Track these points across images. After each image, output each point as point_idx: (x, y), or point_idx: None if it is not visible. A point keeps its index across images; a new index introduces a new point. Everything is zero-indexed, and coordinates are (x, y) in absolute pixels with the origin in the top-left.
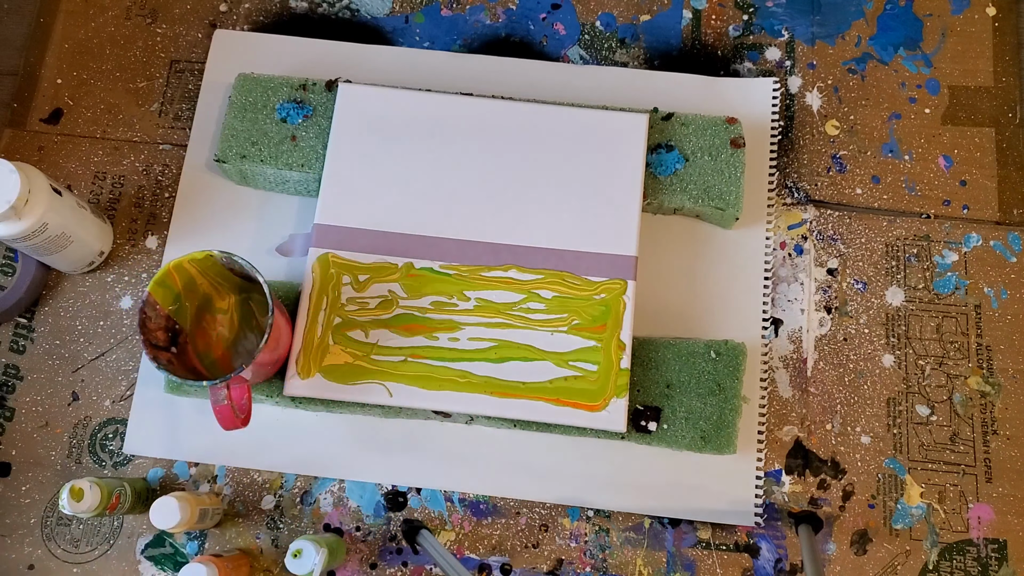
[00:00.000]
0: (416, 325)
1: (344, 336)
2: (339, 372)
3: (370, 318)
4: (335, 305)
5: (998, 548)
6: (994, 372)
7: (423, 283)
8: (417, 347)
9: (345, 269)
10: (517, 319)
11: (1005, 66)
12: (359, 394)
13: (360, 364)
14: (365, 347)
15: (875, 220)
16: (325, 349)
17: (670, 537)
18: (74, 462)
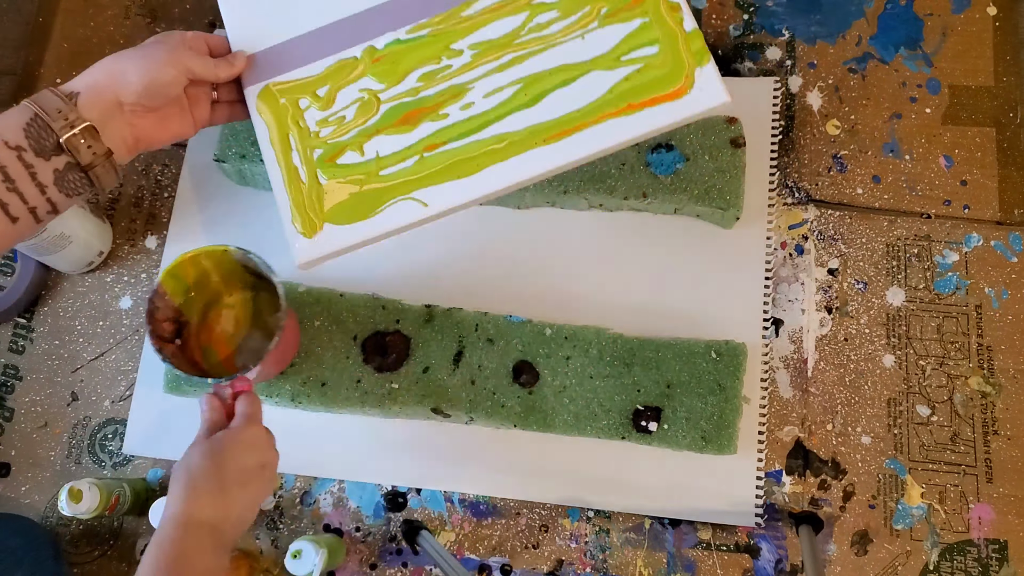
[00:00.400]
0: (413, 112)
1: (334, 166)
2: (348, 209)
3: (355, 131)
4: (305, 137)
5: (999, 548)
6: (995, 372)
7: (396, 61)
8: (428, 136)
9: (296, 91)
10: (532, 44)
11: (1006, 66)
12: (387, 222)
13: (370, 188)
14: (366, 166)
15: (876, 220)
16: (319, 191)
17: (670, 538)
18: (74, 462)
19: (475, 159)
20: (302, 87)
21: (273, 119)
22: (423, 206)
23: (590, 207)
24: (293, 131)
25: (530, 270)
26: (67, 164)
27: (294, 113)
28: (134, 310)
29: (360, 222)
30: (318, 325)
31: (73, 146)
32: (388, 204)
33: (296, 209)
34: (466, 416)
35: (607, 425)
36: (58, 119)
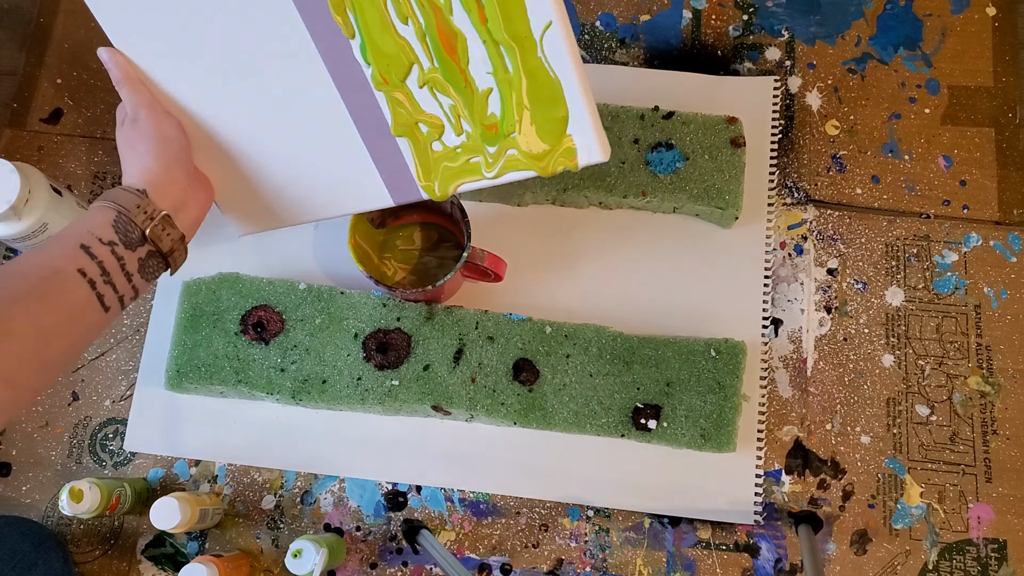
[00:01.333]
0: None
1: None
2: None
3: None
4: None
5: (998, 548)
6: (994, 372)
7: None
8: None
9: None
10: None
11: (1005, 66)
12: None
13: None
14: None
15: (875, 220)
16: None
17: (670, 537)
18: (74, 462)
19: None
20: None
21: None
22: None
23: (589, 205)
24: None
25: (530, 268)
26: (148, 252)
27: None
28: (135, 309)
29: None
30: (319, 322)
31: (156, 236)
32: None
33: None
34: (466, 414)
35: (607, 423)
36: (138, 213)
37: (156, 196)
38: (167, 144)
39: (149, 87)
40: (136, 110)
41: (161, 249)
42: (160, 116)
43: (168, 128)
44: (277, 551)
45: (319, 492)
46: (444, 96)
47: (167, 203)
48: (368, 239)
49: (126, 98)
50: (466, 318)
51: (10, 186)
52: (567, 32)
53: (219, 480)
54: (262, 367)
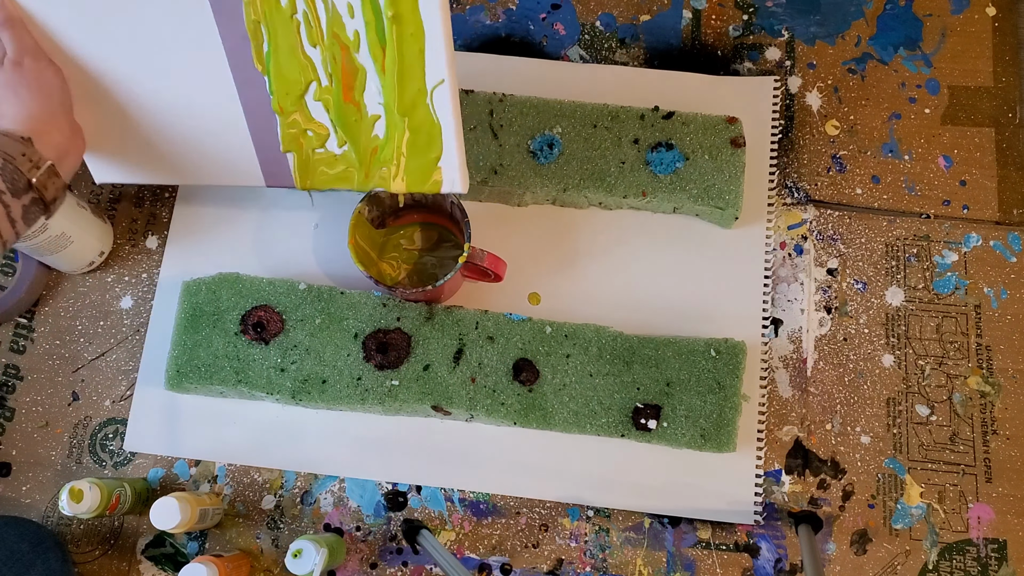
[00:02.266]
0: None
1: None
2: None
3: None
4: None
5: (998, 548)
6: (994, 372)
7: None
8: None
9: None
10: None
11: (1005, 66)
12: None
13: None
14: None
15: (875, 220)
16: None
17: (670, 537)
18: (74, 462)
19: None
20: None
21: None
22: None
23: (589, 205)
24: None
25: (530, 268)
26: (32, 199)
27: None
28: (135, 310)
29: None
30: (319, 322)
31: (41, 185)
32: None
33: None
34: (466, 414)
35: (607, 423)
36: (24, 162)
37: (41, 145)
38: (52, 92)
39: (32, 30)
40: (20, 53)
41: (45, 198)
42: (45, 63)
43: (53, 76)
44: (277, 551)
45: (319, 492)
46: (333, 113)
47: (51, 152)
48: (368, 239)
49: (8, 40)
50: (466, 318)
51: None
52: (454, 89)
53: (219, 480)
54: (262, 367)
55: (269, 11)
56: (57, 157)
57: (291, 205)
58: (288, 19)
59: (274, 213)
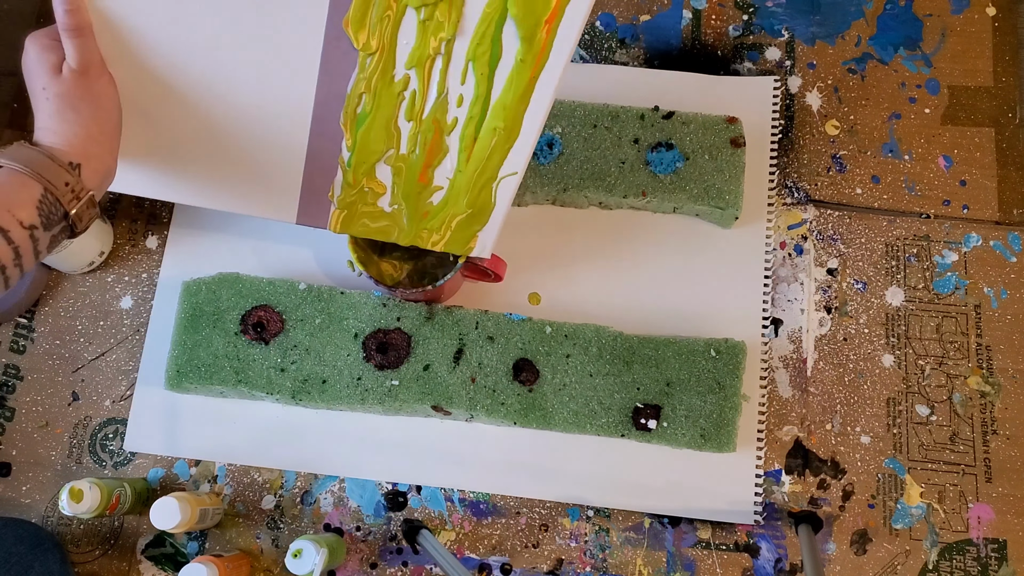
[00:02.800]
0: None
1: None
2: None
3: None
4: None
5: (998, 548)
6: (994, 372)
7: None
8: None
9: None
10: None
11: (1005, 66)
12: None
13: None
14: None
15: (875, 220)
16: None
17: (670, 537)
18: (74, 462)
19: None
20: None
21: None
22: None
23: (589, 205)
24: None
25: (530, 268)
26: (62, 228)
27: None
28: (135, 310)
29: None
30: (319, 322)
31: (78, 217)
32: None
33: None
34: (466, 414)
35: (607, 423)
36: (66, 192)
37: (88, 172)
38: (112, 109)
39: (101, 36)
40: (85, 64)
41: (77, 228)
42: (109, 79)
43: (114, 93)
44: (277, 551)
45: (319, 492)
46: (398, 178)
47: (96, 179)
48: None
49: (74, 49)
50: (466, 318)
51: None
52: (519, 179)
53: (219, 480)
54: (262, 367)
55: (381, 86)
56: (101, 183)
57: None
58: (395, 95)
59: None
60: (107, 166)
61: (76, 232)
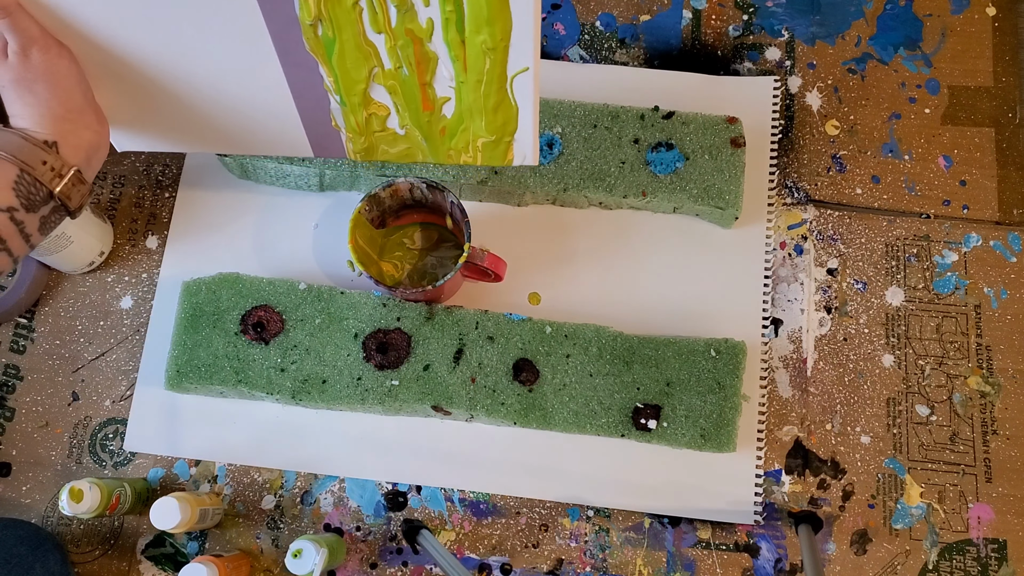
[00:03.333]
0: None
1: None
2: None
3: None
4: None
5: (998, 548)
6: (994, 372)
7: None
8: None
9: None
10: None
11: (1005, 66)
12: None
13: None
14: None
15: (875, 220)
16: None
17: (670, 537)
18: (74, 462)
19: None
20: None
21: None
22: None
23: (589, 205)
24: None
25: (530, 268)
26: (53, 208)
27: None
28: (135, 310)
29: None
30: (319, 322)
31: (65, 194)
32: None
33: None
34: (466, 414)
35: (607, 423)
36: (45, 171)
37: (67, 147)
38: (71, 83)
39: (35, 11)
40: (25, 44)
41: (70, 207)
42: (58, 50)
43: (68, 63)
44: (277, 551)
45: (319, 492)
46: (397, 97)
47: (80, 154)
48: (368, 239)
49: (7, 30)
50: (466, 318)
51: None
52: (537, 75)
53: (219, 480)
54: (262, 367)
55: (330, 6)
56: (86, 158)
57: (291, 205)
58: (349, 10)
59: (274, 213)
60: (88, 140)
61: (71, 211)
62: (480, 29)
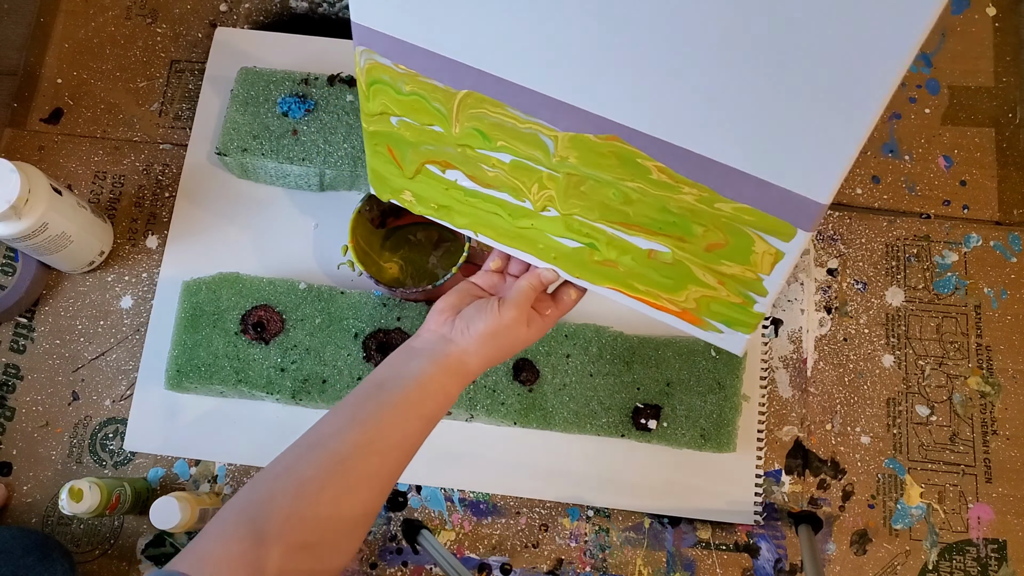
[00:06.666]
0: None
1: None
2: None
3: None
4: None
5: (998, 548)
6: (994, 372)
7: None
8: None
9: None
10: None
11: (1005, 66)
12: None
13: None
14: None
15: (875, 220)
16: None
17: (670, 537)
18: (74, 462)
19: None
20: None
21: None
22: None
23: None
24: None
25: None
26: None
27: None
28: (135, 309)
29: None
30: (319, 322)
31: None
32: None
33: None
34: (466, 414)
35: (607, 423)
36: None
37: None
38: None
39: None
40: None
41: None
42: None
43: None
44: None
45: None
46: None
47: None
48: (368, 239)
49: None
50: None
51: (10, 186)
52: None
53: (219, 480)
54: (262, 367)
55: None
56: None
57: (291, 205)
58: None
59: (274, 213)
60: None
61: None
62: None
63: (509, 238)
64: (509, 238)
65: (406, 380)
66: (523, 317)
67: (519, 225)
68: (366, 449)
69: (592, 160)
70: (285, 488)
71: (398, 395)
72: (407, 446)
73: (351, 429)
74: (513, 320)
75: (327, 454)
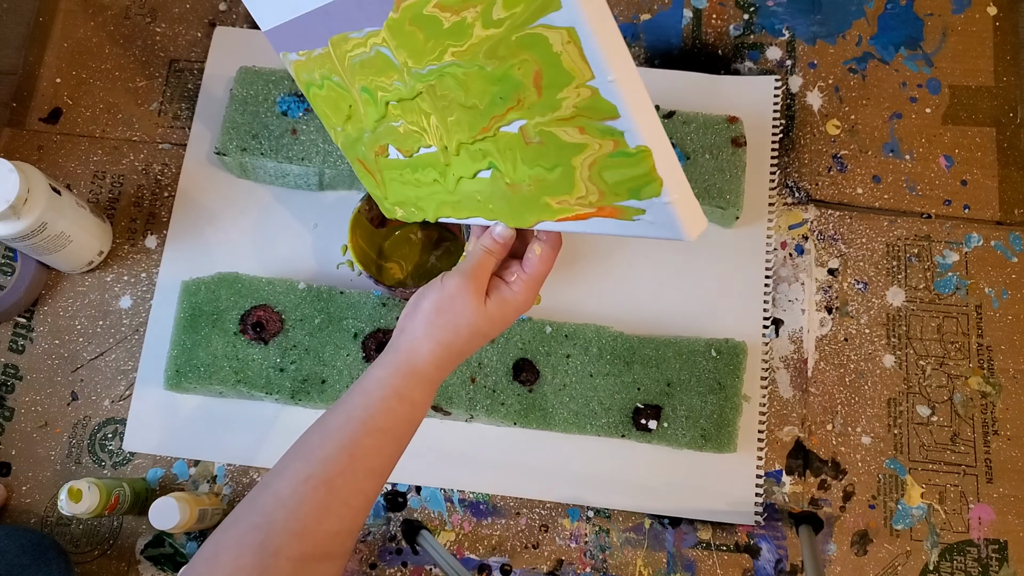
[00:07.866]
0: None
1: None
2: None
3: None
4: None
5: (998, 548)
6: (995, 372)
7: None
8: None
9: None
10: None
11: (1006, 66)
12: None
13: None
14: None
15: (876, 220)
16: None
17: (670, 538)
18: (74, 462)
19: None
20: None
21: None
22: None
23: None
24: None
25: None
26: None
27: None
28: (134, 309)
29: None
30: (318, 322)
31: None
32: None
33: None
34: (466, 414)
35: (607, 423)
36: None
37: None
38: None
39: None
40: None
41: None
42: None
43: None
44: None
45: None
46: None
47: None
48: (368, 239)
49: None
50: None
51: (9, 185)
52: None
53: (218, 480)
54: (261, 367)
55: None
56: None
57: (291, 205)
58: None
59: (274, 213)
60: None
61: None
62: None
63: (459, 209)
64: (459, 209)
65: (354, 396)
66: (471, 285)
67: (456, 186)
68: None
69: (408, 43)
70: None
71: (342, 417)
72: (361, 474)
73: (295, 460)
74: (457, 288)
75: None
